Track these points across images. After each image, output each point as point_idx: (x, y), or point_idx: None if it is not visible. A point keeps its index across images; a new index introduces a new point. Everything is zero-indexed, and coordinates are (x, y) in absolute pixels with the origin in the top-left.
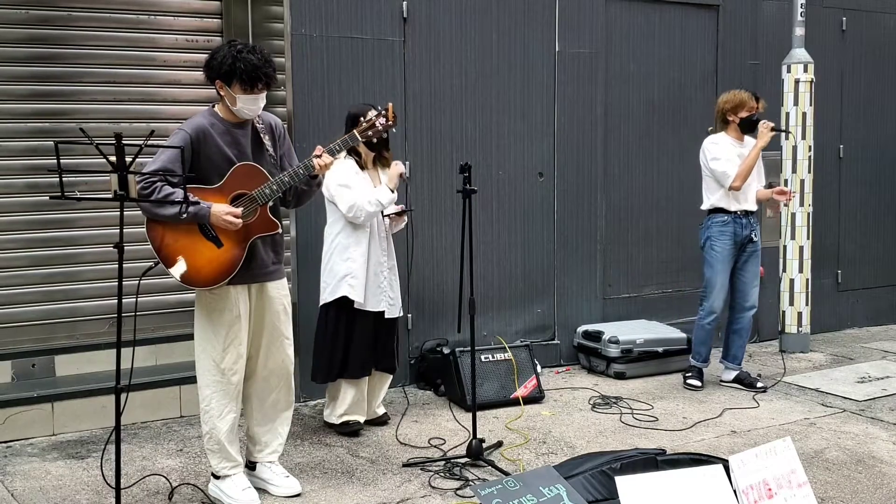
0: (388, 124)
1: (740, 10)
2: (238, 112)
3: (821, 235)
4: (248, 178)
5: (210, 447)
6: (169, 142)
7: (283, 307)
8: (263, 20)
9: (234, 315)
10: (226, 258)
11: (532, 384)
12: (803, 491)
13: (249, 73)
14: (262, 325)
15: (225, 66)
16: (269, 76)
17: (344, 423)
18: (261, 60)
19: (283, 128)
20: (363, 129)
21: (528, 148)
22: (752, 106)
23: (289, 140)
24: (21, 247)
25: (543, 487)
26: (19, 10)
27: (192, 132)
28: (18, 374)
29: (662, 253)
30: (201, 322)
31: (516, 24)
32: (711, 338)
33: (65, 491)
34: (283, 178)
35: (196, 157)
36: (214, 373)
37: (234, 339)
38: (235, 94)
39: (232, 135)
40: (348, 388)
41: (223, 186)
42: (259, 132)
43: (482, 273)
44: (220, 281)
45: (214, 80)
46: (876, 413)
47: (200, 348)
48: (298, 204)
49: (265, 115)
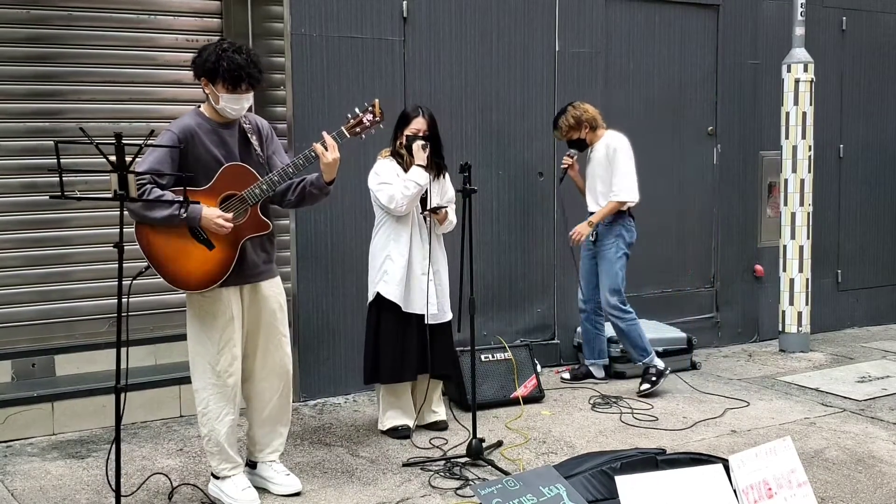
0: (376, 120)
1: (740, 9)
2: (221, 111)
3: (821, 235)
4: (238, 179)
5: (209, 449)
6: (158, 142)
7: (279, 305)
8: (263, 20)
9: (228, 317)
10: (217, 260)
11: (532, 384)
12: (803, 490)
13: (232, 73)
14: (259, 325)
15: (209, 63)
16: (252, 76)
17: (391, 430)
18: (245, 60)
19: (269, 128)
20: (350, 126)
21: (528, 148)
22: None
23: (277, 140)
24: (18, 246)
25: (543, 487)
26: (19, 10)
27: (180, 132)
28: (18, 374)
29: (662, 253)
30: (194, 325)
31: (516, 24)
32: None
33: (65, 491)
34: (273, 177)
35: (184, 158)
36: (210, 375)
37: (229, 341)
38: (219, 92)
39: (219, 135)
40: (385, 393)
41: (212, 188)
42: (246, 132)
43: (482, 273)
44: (212, 283)
45: (200, 77)
46: (876, 413)
47: (194, 351)
48: (298, 205)
49: (251, 116)
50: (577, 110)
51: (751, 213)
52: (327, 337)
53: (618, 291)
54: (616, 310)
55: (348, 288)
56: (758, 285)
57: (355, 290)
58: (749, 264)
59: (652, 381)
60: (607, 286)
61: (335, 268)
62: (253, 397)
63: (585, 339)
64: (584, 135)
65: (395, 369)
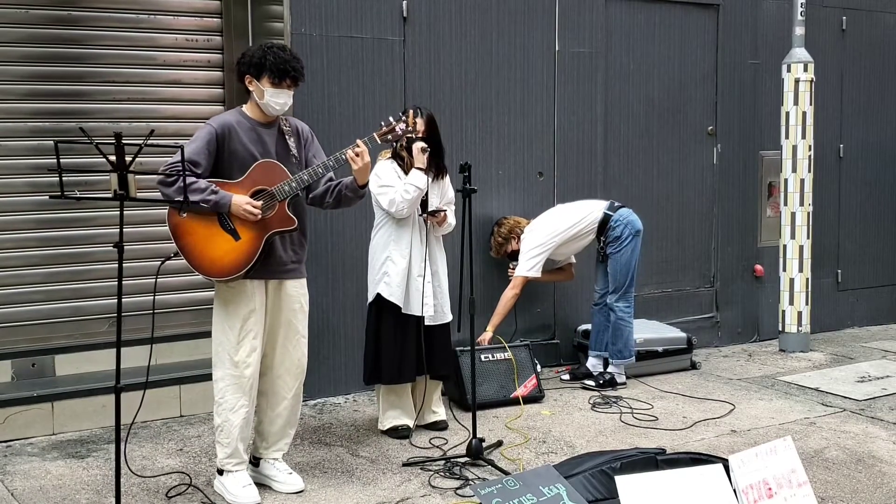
0: (408, 130)
1: (740, 9)
2: (265, 106)
3: (821, 235)
4: (269, 175)
5: (220, 439)
6: (195, 135)
7: (301, 305)
8: (263, 19)
9: (250, 309)
10: (242, 251)
11: (532, 384)
12: (803, 490)
13: (279, 66)
14: (279, 322)
15: (255, 58)
16: (297, 71)
17: (391, 430)
18: (290, 56)
19: (310, 132)
20: (383, 133)
21: (528, 148)
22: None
23: (317, 143)
24: (18, 246)
25: (543, 487)
26: (19, 10)
27: (218, 127)
28: (18, 374)
29: (662, 252)
30: (219, 315)
31: (516, 24)
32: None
33: (65, 490)
34: (303, 175)
35: (220, 152)
36: (229, 365)
37: (249, 332)
38: (264, 87)
39: (257, 133)
40: (386, 392)
41: (244, 181)
42: (285, 134)
43: (482, 273)
44: (235, 273)
45: (244, 75)
46: (876, 412)
47: (217, 341)
48: (336, 207)
49: (293, 119)
50: (503, 227)
51: (751, 213)
52: (327, 337)
53: (628, 288)
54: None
55: (348, 288)
56: (758, 285)
57: (355, 289)
58: (749, 264)
59: (600, 384)
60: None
61: (335, 268)
62: (268, 392)
63: (595, 330)
64: (515, 246)
65: (395, 370)
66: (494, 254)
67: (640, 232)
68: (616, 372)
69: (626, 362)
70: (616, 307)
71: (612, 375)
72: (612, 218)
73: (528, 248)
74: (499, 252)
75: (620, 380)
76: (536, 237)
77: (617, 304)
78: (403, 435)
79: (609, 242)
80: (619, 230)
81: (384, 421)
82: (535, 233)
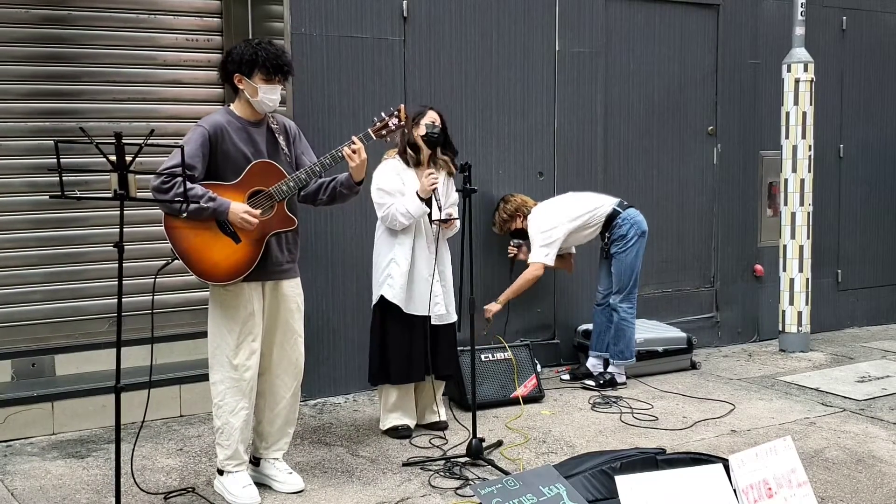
0: (401, 125)
1: (740, 9)
2: (258, 104)
3: (821, 235)
4: (266, 175)
5: (220, 441)
6: (187, 138)
7: (297, 305)
8: (263, 19)
9: (248, 312)
10: (243, 254)
11: (532, 383)
12: (803, 490)
13: (272, 61)
14: (276, 323)
15: (246, 56)
16: (289, 65)
17: (391, 429)
18: (280, 50)
19: (297, 129)
20: (377, 129)
21: (528, 147)
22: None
23: (305, 140)
24: (18, 246)
25: (543, 487)
26: (20, 9)
27: (210, 129)
28: (18, 374)
29: (662, 252)
30: (215, 318)
31: (516, 24)
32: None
33: (65, 490)
34: (301, 174)
35: (213, 154)
36: (228, 369)
37: (248, 335)
38: (256, 84)
39: (248, 132)
40: (390, 392)
41: (240, 183)
42: (274, 132)
43: (482, 272)
44: (236, 276)
45: (233, 74)
46: (876, 412)
47: (214, 344)
48: (330, 204)
49: (279, 116)
50: (509, 203)
51: (751, 213)
52: (327, 336)
53: (632, 289)
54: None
55: (348, 288)
56: (758, 285)
57: (355, 289)
58: (749, 264)
59: (600, 384)
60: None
61: (335, 268)
62: (267, 392)
63: (597, 330)
64: (520, 224)
65: (404, 370)
66: (498, 230)
67: (646, 233)
68: (616, 372)
69: (626, 363)
70: (619, 308)
71: (612, 375)
72: (620, 215)
73: (539, 232)
74: (502, 229)
75: (620, 380)
76: (548, 220)
77: (620, 304)
78: (404, 435)
79: (614, 240)
80: (625, 229)
81: (385, 421)
82: (546, 216)
